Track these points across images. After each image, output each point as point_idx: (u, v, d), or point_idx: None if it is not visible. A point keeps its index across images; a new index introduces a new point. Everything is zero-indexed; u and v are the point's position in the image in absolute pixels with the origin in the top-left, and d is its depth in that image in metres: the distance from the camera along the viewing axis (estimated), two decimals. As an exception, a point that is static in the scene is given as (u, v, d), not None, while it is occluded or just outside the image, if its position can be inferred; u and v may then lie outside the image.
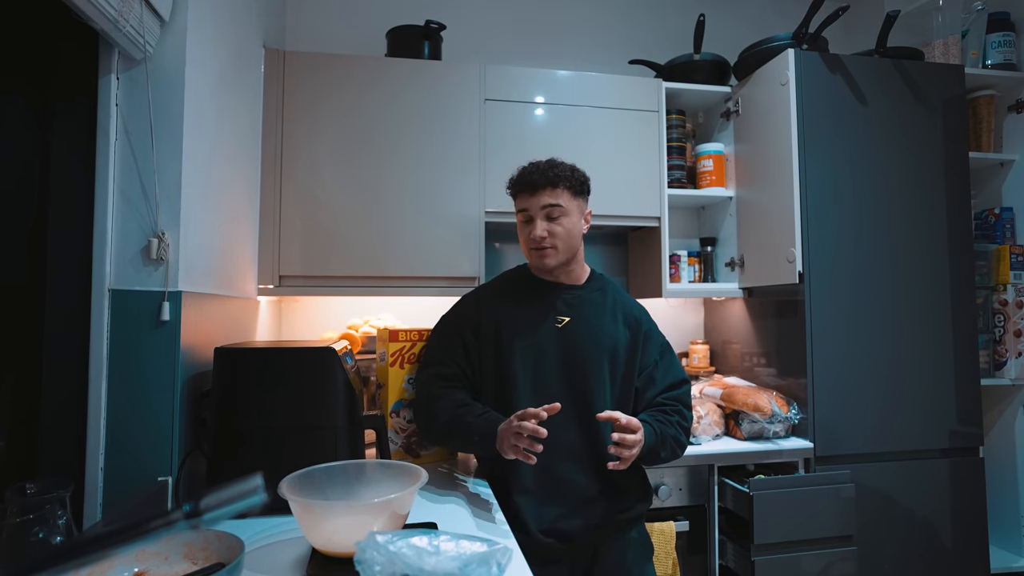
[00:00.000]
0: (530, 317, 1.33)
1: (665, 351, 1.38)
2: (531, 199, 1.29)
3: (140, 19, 1.02)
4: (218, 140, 1.34)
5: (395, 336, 1.46)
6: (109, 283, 1.06)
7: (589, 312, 1.34)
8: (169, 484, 1.07)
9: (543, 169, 1.29)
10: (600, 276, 1.42)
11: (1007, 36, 2.10)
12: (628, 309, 1.38)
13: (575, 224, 1.31)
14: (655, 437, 1.20)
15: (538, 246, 1.29)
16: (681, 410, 1.30)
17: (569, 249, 1.31)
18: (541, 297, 1.35)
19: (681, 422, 1.28)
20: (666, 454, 1.24)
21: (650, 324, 1.39)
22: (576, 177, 1.31)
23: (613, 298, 1.37)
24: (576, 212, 1.31)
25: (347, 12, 2.18)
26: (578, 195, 1.31)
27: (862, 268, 1.78)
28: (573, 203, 1.30)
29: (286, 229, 1.73)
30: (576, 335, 1.31)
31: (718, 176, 2.08)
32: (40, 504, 0.73)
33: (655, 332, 1.39)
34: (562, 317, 1.33)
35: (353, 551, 0.70)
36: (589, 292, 1.36)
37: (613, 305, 1.36)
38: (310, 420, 1.13)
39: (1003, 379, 2.00)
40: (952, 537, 1.77)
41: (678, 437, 1.26)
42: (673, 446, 1.25)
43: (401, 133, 1.81)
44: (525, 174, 1.31)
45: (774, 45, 1.92)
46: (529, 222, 1.30)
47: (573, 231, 1.30)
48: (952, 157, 1.86)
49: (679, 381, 1.35)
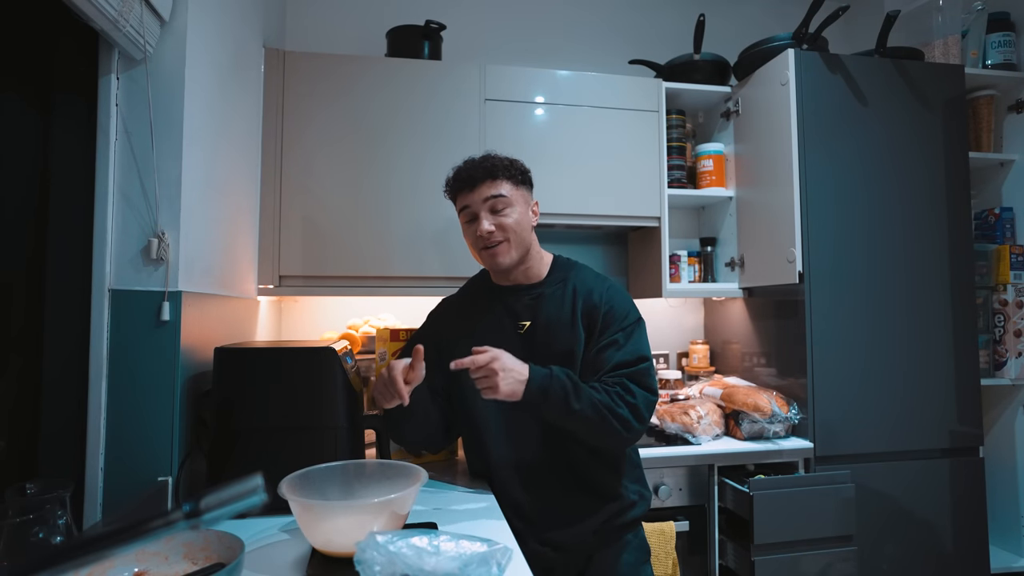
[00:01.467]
0: (491, 326, 1.25)
1: (631, 332, 1.20)
2: (471, 195, 1.21)
3: (140, 19, 1.02)
4: (218, 140, 1.34)
5: (395, 336, 1.46)
6: (109, 283, 1.06)
7: (548, 311, 1.23)
8: (169, 484, 1.07)
9: (478, 163, 1.23)
10: (563, 264, 1.31)
11: (1007, 36, 2.10)
12: (588, 295, 1.23)
13: (523, 215, 1.23)
14: (546, 378, 1.08)
15: (487, 243, 1.20)
16: (626, 383, 1.13)
17: (521, 243, 1.22)
18: (500, 302, 1.27)
19: (623, 395, 1.12)
20: (581, 408, 1.08)
21: (612, 303, 1.22)
22: (516, 167, 1.24)
23: (574, 287, 1.24)
24: (522, 202, 1.23)
25: (347, 12, 2.18)
26: (520, 184, 1.24)
27: (862, 268, 1.78)
28: (517, 193, 1.23)
29: (286, 229, 1.73)
30: (539, 341, 1.22)
31: (718, 176, 2.08)
32: (40, 504, 0.73)
33: (618, 312, 1.21)
34: (523, 322, 1.24)
35: (353, 551, 0.70)
36: (550, 288, 1.26)
37: (573, 297, 1.23)
38: (310, 420, 1.13)
39: (1003, 379, 2.00)
40: (952, 537, 1.77)
41: (610, 404, 1.10)
42: (599, 408, 1.09)
43: (401, 133, 1.81)
44: (461, 171, 1.24)
45: (774, 45, 1.92)
46: (473, 220, 1.22)
47: (522, 222, 1.22)
48: (952, 157, 1.86)
49: (631, 359, 1.17)
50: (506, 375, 1.05)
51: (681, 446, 1.67)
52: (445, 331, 1.30)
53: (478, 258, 1.27)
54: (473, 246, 1.26)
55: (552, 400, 1.08)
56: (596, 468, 1.20)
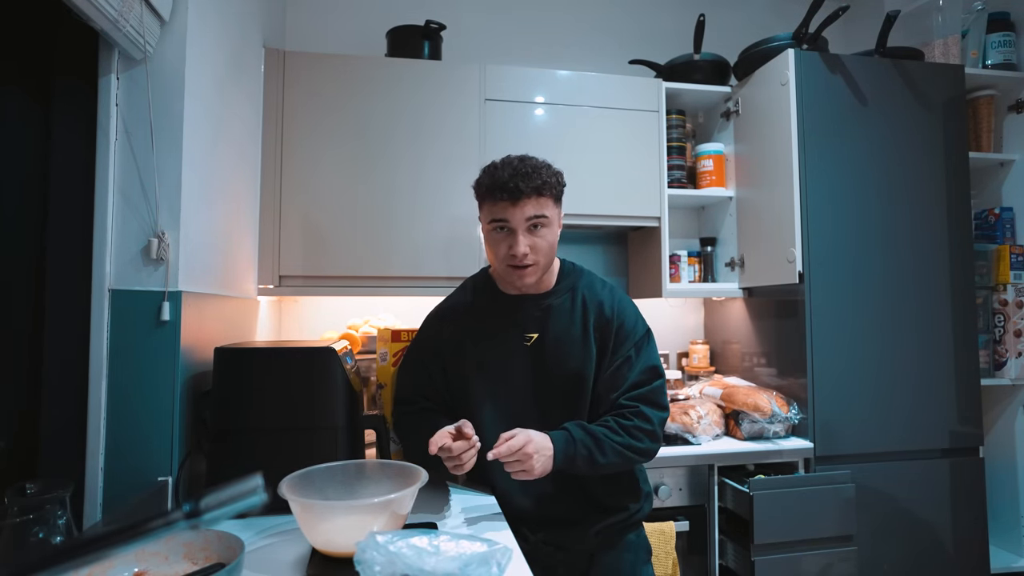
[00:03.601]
0: (496, 336, 1.20)
1: (642, 345, 1.19)
2: (512, 209, 1.09)
3: (140, 19, 1.02)
4: (218, 140, 1.34)
5: (397, 336, 1.46)
6: (109, 283, 1.06)
7: (557, 324, 1.18)
8: (169, 484, 1.07)
9: (525, 173, 1.09)
10: (570, 271, 1.25)
11: (1007, 36, 2.10)
12: (599, 308, 1.19)
13: (556, 235, 1.16)
14: (570, 444, 1.07)
15: (519, 263, 1.12)
16: (640, 410, 1.13)
17: (549, 263, 1.17)
18: (507, 312, 1.21)
19: (640, 427, 1.12)
20: (608, 460, 1.09)
21: (623, 317, 1.19)
22: (560, 181, 1.16)
23: (583, 297, 1.20)
24: (557, 221, 1.17)
25: (347, 12, 2.18)
26: (559, 201, 1.17)
27: (862, 268, 1.78)
28: (556, 211, 1.16)
29: (286, 229, 1.73)
30: (546, 354, 1.17)
31: (718, 176, 2.08)
32: (40, 504, 0.73)
33: (628, 326, 1.19)
34: (530, 334, 1.19)
35: (353, 551, 0.70)
36: (558, 299, 1.21)
37: (583, 309, 1.19)
38: (310, 420, 1.13)
39: (1003, 379, 2.00)
40: (952, 537, 1.77)
41: (632, 443, 1.10)
42: (622, 452, 1.10)
43: (401, 133, 1.81)
44: (503, 179, 1.09)
45: (774, 45, 1.92)
46: (504, 232, 1.12)
47: (552, 243, 1.15)
48: (952, 157, 1.86)
49: (647, 376, 1.16)
50: (539, 456, 1.04)
51: (681, 446, 1.67)
52: (447, 333, 1.24)
53: (502, 271, 1.16)
54: (496, 257, 1.15)
55: (579, 464, 1.08)
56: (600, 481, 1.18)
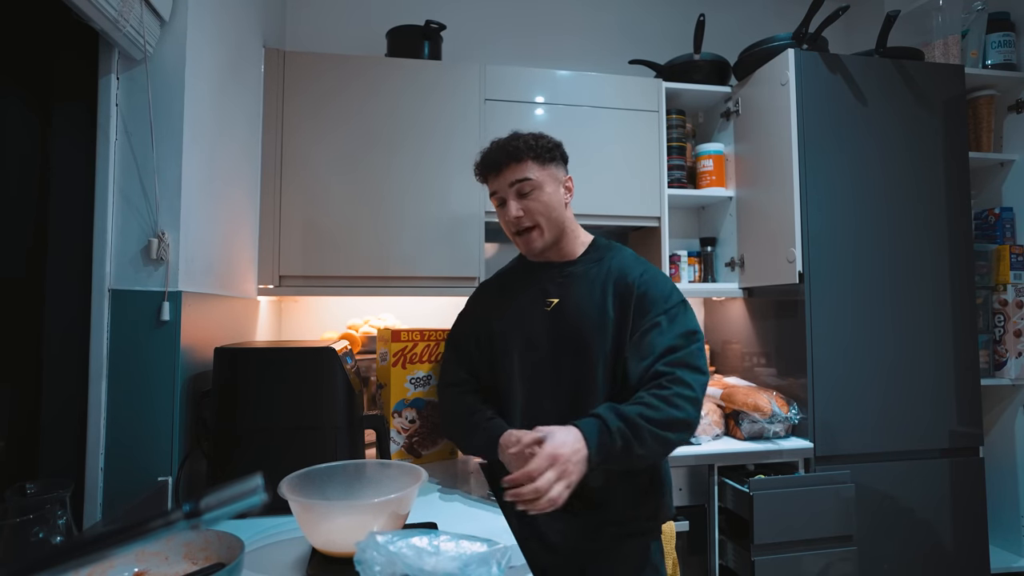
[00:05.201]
0: (522, 304, 1.22)
1: (676, 314, 1.12)
2: (498, 179, 1.18)
3: (140, 19, 1.02)
4: (218, 140, 1.34)
5: (397, 336, 1.46)
6: (109, 283, 1.06)
7: (579, 289, 1.17)
8: (169, 484, 1.07)
9: (503, 144, 1.18)
10: (603, 245, 1.25)
11: (1007, 36, 2.10)
12: (623, 274, 1.16)
13: (552, 196, 1.17)
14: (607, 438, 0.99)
15: (518, 228, 1.18)
16: (678, 375, 1.04)
17: (554, 225, 1.18)
18: (532, 280, 1.24)
19: (682, 392, 1.03)
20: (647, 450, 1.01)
21: (648, 287, 1.14)
22: (541, 144, 1.17)
23: (609, 267, 1.18)
24: (551, 182, 1.17)
25: (347, 12, 2.18)
26: (548, 163, 1.18)
27: (862, 268, 1.78)
28: (544, 173, 1.17)
29: (286, 229, 1.73)
30: (564, 319, 1.16)
31: (718, 176, 2.08)
32: (40, 504, 0.73)
33: (655, 295, 1.13)
34: (551, 299, 1.19)
35: (353, 551, 0.70)
36: (583, 266, 1.20)
37: (607, 275, 1.17)
38: (310, 420, 1.13)
39: (1003, 379, 2.00)
40: (952, 537, 1.77)
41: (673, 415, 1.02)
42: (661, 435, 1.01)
43: (401, 133, 1.81)
44: (487, 154, 1.20)
45: (774, 45, 1.92)
46: (503, 204, 1.20)
47: (552, 204, 1.17)
48: (952, 157, 1.86)
49: (683, 340, 1.09)
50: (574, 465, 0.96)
51: (681, 446, 1.67)
52: (481, 311, 1.30)
53: (514, 241, 1.24)
54: (507, 231, 1.23)
55: (617, 454, 1.00)
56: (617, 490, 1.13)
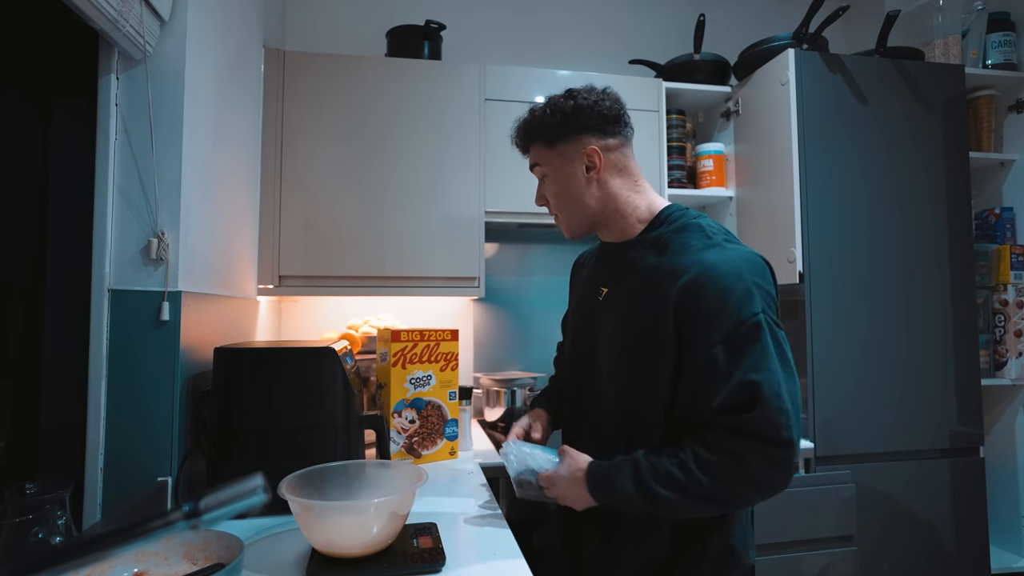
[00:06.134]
0: (584, 289, 1.09)
1: (742, 342, 0.81)
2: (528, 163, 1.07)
3: (140, 19, 1.02)
4: (218, 140, 1.34)
5: (397, 336, 1.46)
6: (109, 283, 1.06)
7: (629, 281, 0.96)
8: (169, 484, 1.07)
9: (518, 128, 1.05)
10: (668, 218, 0.98)
11: (1007, 36, 2.09)
12: (675, 270, 0.88)
13: (568, 177, 0.99)
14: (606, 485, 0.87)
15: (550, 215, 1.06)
16: (729, 446, 0.80)
17: (576, 213, 1.01)
18: (597, 262, 1.09)
19: (728, 466, 0.80)
20: (664, 509, 0.84)
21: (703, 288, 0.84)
22: (547, 122, 0.99)
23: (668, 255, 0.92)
24: (561, 164, 0.99)
25: (347, 12, 2.18)
26: (558, 140, 0.99)
27: (862, 268, 1.78)
28: (553, 154, 1.00)
29: (286, 229, 1.73)
30: (611, 312, 0.98)
31: (718, 176, 2.08)
32: (40, 504, 0.73)
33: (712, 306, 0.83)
34: (603, 288, 1.02)
35: (352, 552, 0.71)
36: (639, 250, 0.97)
37: (658, 270, 0.91)
38: (309, 420, 1.13)
39: (1003, 379, 1.99)
40: (952, 537, 1.77)
41: (712, 489, 0.80)
42: (683, 505, 0.82)
43: (401, 133, 1.81)
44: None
45: (774, 45, 1.92)
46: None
47: (564, 190, 1.00)
48: (952, 157, 1.86)
49: (742, 397, 0.80)
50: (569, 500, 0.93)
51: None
52: (571, 289, 1.23)
53: None
54: None
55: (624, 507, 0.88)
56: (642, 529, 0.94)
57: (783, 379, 0.80)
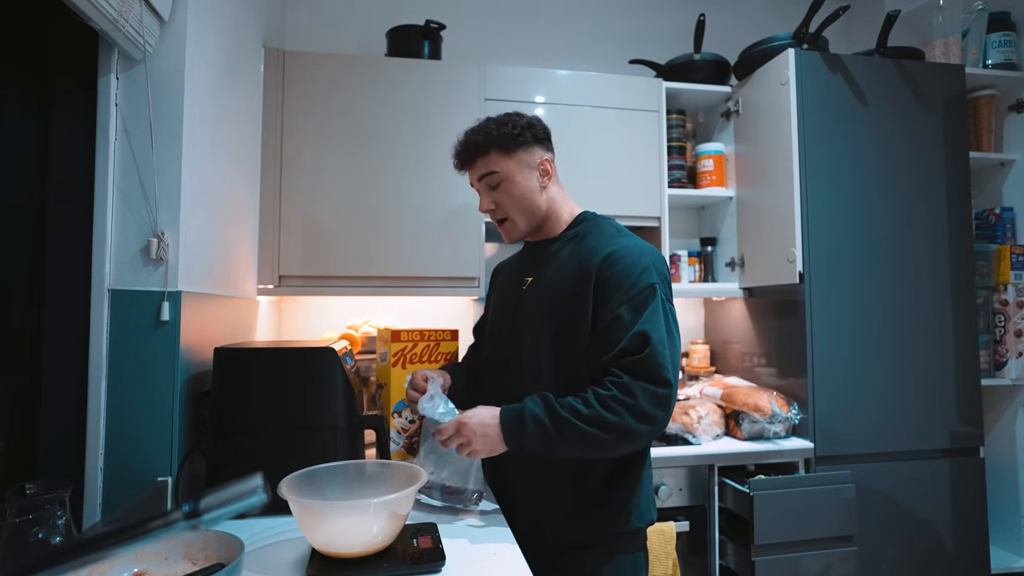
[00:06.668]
0: (508, 283, 1.24)
1: (640, 304, 1.00)
2: (469, 175, 1.17)
3: (140, 19, 1.02)
4: (218, 140, 1.34)
5: (397, 336, 1.46)
6: (109, 283, 1.06)
7: (551, 270, 1.12)
8: (169, 484, 1.07)
9: (467, 137, 1.14)
10: (584, 219, 1.17)
11: (1007, 36, 2.09)
12: (591, 254, 1.07)
13: (523, 184, 1.11)
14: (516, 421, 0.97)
15: (493, 220, 1.18)
16: (623, 382, 0.95)
17: (529, 214, 1.14)
18: (521, 260, 1.25)
19: (619, 397, 0.94)
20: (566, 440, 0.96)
21: (614, 267, 1.03)
22: (505, 133, 1.10)
23: (584, 245, 1.11)
24: (518, 170, 1.11)
25: (347, 12, 2.17)
26: (516, 150, 1.11)
27: (862, 268, 1.78)
28: (510, 163, 1.11)
29: (286, 229, 1.73)
30: (533, 296, 1.13)
31: (718, 176, 2.08)
32: (40, 504, 0.73)
33: (620, 278, 1.02)
34: (527, 278, 1.16)
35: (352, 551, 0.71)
36: (560, 244, 1.14)
37: (580, 254, 1.09)
38: (310, 420, 1.13)
39: (1004, 379, 1.99)
40: (952, 537, 1.77)
41: (603, 415, 0.94)
42: (586, 432, 0.94)
43: (401, 133, 1.81)
44: (457, 147, 1.17)
45: (774, 45, 1.92)
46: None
47: (522, 194, 1.12)
48: (952, 157, 1.86)
49: (636, 342, 0.97)
50: (478, 439, 0.99)
51: (681, 446, 1.67)
52: (491, 290, 1.36)
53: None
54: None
55: (531, 444, 0.98)
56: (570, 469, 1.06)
57: (666, 336, 1.00)
